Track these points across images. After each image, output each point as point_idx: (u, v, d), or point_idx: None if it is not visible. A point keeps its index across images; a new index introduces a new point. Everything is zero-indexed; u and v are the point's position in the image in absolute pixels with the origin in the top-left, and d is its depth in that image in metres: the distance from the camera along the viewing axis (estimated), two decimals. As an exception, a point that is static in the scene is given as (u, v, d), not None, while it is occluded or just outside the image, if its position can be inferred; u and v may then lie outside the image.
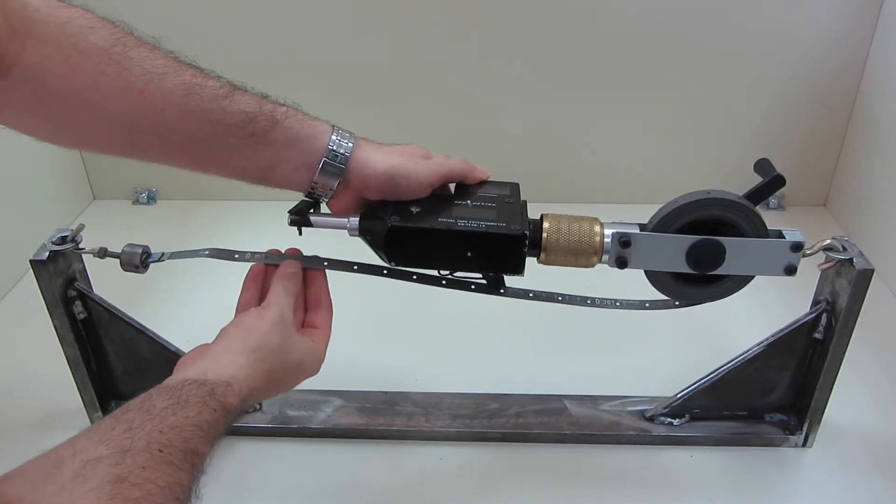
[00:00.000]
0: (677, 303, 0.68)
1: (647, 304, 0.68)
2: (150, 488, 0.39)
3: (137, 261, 0.64)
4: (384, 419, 0.77)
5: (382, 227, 0.59)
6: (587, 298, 0.67)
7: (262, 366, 0.53)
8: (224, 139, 0.56)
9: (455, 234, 0.58)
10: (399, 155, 0.60)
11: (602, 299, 0.68)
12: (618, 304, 0.68)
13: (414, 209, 0.60)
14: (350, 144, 0.58)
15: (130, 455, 0.39)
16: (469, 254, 0.59)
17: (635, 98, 1.13)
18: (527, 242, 0.59)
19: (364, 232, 0.60)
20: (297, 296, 0.60)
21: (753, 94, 1.12)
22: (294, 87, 1.15)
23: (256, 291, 0.61)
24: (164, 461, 0.41)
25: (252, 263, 0.63)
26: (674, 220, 0.61)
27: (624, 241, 0.61)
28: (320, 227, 0.61)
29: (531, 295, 0.65)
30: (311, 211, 0.61)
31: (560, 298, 0.67)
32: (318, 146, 0.58)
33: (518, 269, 0.60)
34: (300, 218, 0.61)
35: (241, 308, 0.60)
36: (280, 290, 0.58)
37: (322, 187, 0.59)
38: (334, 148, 0.58)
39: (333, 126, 0.59)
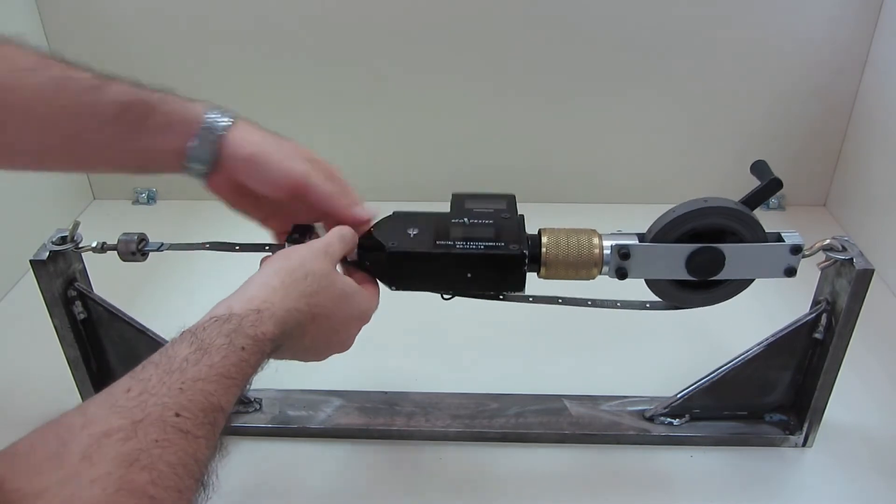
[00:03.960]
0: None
1: (647, 305, 0.68)
2: (161, 469, 0.37)
3: (134, 247, 0.65)
4: (384, 419, 0.77)
5: (381, 254, 0.59)
6: (587, 300, 0.67)
7: (301, 287, 0.50)
8: (99, 132, 0.54)
9: (454, 258, 0.58)
10: (272, 144, 0.58)
11: (602, 300, 0.68)
12: (618, 304, 0.68)
13: (411, 232, 0.60)
14: (226, 123, 0.57)
15: (143, 427, 0.37)
16: (469, 275, 0.59)
17: (635, 98, 1.13)
18: (526, 261, 0.59)
19: (363, 258, 0.61)
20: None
21: (753, 94, 1.12)
22: (293, 91, 1.16)
23: None
24: (180, 430, 0.39)
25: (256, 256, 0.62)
26: (672, 229, 0.61)
27: (623, 253, 0.61)
28: None
29: (531, 299, 0.65)
30: (309, 235, 0.62)
31: (560, 301, 0.67)
32: (194, 128, 0.56)
33: (519, 288, 0.61)
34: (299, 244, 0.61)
35: None
36: (335, 233, 0.57)
37: (194, 168, 0.57)
38: (208, 126, 0.56)
39: (214, 106, 0.58)
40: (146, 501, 0.35)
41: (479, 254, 0.58)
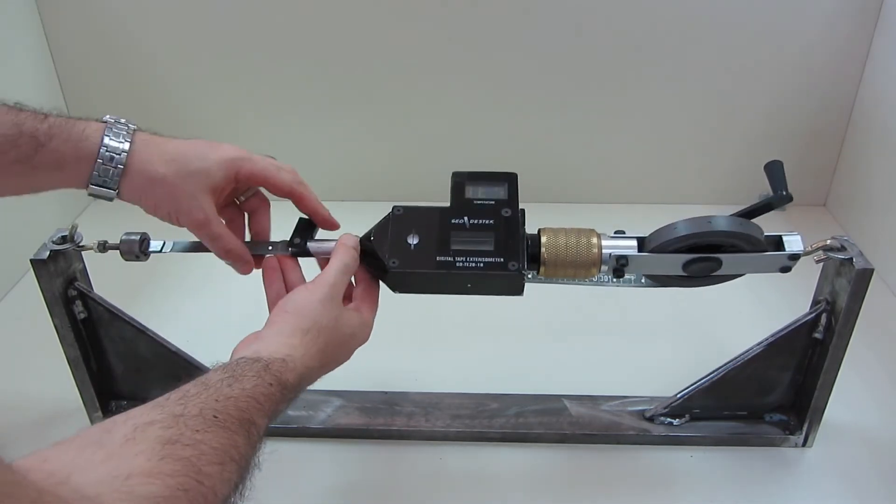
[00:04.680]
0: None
1: (643, 281, 0.68)
2: (203, 448, 0.39)
3: (137, 249, 0.64)
4: (384, 419, 0.77)
5: (382, 270, 0.60)
6: (585, 279, 0.67)
7: (316, 345, 0.54)
8: None
9: (454, 276, 0.60)
10: (178, 162, 0.56)
11: (599, 276, 0.67)
12: (615, 281, 0.68)
13: (411, 241, 0.61)
14: (124, 149, 0.54)
15: (183, 419, 0.40)
16: (469, 285, 0.61)
17: (636, 98, 1.13)
18: (524, 274, 0.60)
19: (364, 261, 0.62)
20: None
21: (753, 94, 1.12)
22: (292, 92, 1.16)
23: (280, 283, 0.60)
24: (218, 426, 0.41)
25: (261, 256, 0.63)
26: (672, 244, 0.61)
27: (622, 263, 0.62)
28: (319, 254, 0.63)
29: (529, 276, 0.65)
30: (312, 233, 0.63)
31: (558, 280, 0.67)
32: (87, 167, 0.54)
33: (518, 294, 0.61)
34: (300, 250, 0.62)
35: (272, 303, 0.59)
36: (338, 266, 0.58)
37: (101, 197, 0.56)
38: (103, 163, 0.54)
39: (105, 131, 0.55)
40: (191, 468, 0.37)
41: (478, 273, 0.60)
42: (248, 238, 0.65)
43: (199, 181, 0.56)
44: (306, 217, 0.64)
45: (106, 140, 0.54)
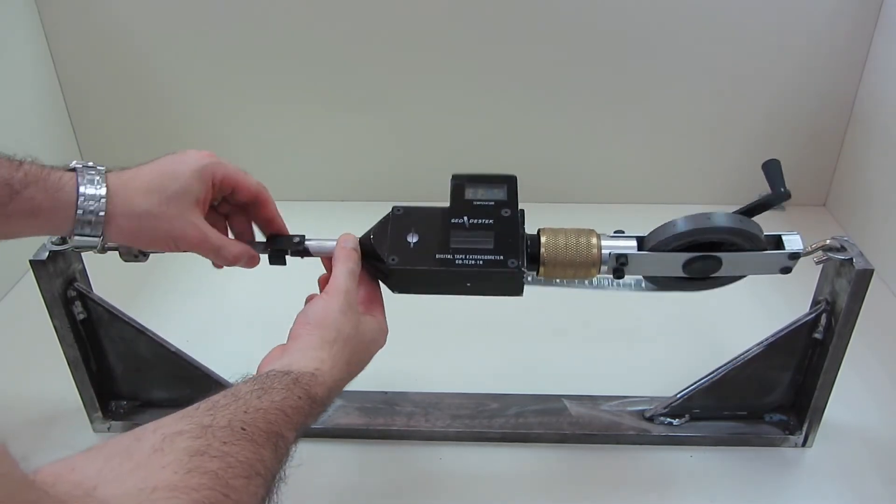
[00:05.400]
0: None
1: (643, 285, 0.68)
2: (230, 461, 0.39)
3: (135, 249, 0.64)
4: (384, 419, 0.77)
5: (382, 268, 0.60)
6: (584, 280, 0.67)
7: (343, 356, 0.54)
8: None
9: (454, 274, 0.60)
10: (154, 185, 0.56)
11: (600, 279, 0.67)
12: (616, 283, 0.68)
13: (411, 239, 0.61)
14: (101, 203, 0.54)
15: (211, 430, 0.40)
16: (469, 284, 0.61)
17: (636, 98, 1.13)
18: (524, 275, 0.60)
19: (365, 265, 0.62)
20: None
21: (753, 94, 1.12)
22: (293, 92, 1.16)
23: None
24: (246, 438, 0.41)
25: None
26: (672, 242, 0.61)
27: (621, 262, 0.61)
28: (319, 254, 0.63)
29: (529, 279, 0.65)
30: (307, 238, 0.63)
31: (558, 281, 0.67)
32: (65, 217, 0.54)
33: (518, 294, 0.62)
34: (299, 249, 0.63)
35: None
36: (345, 273, 0.58)
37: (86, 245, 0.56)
38: (84, 213, 0.53)
39: (78, 180, 0.54)
40: (218, 482, 0.37)
41: (477, 271, 0.60)
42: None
43: (183, 201, 0.56)
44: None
45: (81, 189, 0.54)
